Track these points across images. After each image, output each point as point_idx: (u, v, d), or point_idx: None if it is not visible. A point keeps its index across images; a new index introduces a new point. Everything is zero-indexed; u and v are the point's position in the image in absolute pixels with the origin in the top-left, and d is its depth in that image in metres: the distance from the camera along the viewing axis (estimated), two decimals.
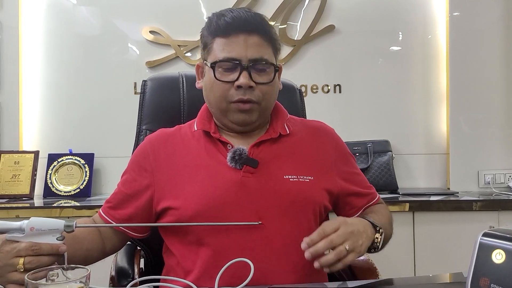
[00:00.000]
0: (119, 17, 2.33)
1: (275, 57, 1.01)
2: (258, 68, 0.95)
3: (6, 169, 2.16)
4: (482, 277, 0.65)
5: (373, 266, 1.06)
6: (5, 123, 2.25)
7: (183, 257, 0.96)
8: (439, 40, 2.35)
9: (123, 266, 1.10)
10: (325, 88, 2.36)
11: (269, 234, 0.93)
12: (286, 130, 1.03)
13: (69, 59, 2.31)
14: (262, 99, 0.96)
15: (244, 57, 0.94)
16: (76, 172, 2.20)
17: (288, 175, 0.97)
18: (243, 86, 0.93)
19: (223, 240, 0.92)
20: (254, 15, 0.97)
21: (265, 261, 0.91)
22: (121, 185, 1.03)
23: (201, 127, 1.01)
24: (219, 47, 0.96)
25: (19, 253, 0.73)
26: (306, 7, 2.35)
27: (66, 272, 0.64)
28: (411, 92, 2.36)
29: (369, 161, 2.19)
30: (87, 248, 0.94)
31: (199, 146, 1.01)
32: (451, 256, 1.84)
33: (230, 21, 0.95)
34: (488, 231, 0.67)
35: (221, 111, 0.98)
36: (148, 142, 1.05)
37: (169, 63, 2.33)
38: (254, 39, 0.95)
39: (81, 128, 2.30)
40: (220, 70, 0.96)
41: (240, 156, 0.95)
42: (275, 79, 0.99)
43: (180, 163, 0.99)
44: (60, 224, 0.74)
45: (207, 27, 0.99)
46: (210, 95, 0.99)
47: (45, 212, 1.89)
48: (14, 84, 2.25)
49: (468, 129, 2.28)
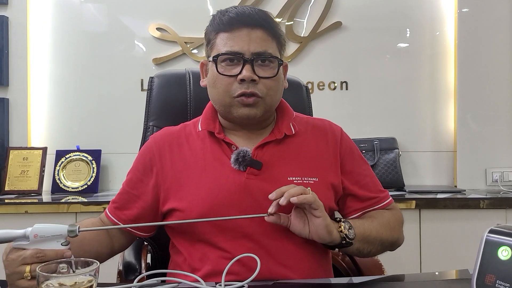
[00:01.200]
0: (126, 14, 2.34)
1: (280, 52, 0.99)
2: (261, 62, 0.95)
3: (15, 165, 2.18)
4: (488, 274, 0.65)
5: (379, 263, 1.06)
6: (13, 120, 2.27)
7: (190, 255, 0.97)
8: (447, 37, 2.33)
9: (131, 261, 1.11)
10: (332, 85, 2.35)
11: (274, 236, 0.93)
12: (291, 130, 1.01)
13: (77, 56, 2.32)
14: (266, 94, 0.95)
15: (247, 51, 0.93)
16: (84, 168, 2.22)
17: (292, 176, 0.96)
18: (246, 79, 0.92)
19: (229, 240, 0.93)
20: (258, 11, 0.97)
21: (271, 260, 0.91)
22: (126, 185, 1.03)
23: (205, 127, 1.01)
24: (222, 41, 0.96)
25: (25, 261, 0.73)
26: (312, 3, 2.35)
27: (76, 265, 0.65)
28: (419, 89, 2.35)
29: (375, 158, 2.18)
30: (96, 249, 0.96)
31: (204, 146, 1.00)
32: (458, 254, 1.84)
33: (234, 16, 0.95)
34: (495, 228, 0.67)
35: (225, 106, 0.97)
36: (154, 141, 1.04)
37: (176, 60, 2.33)
38: (258, 33, 0.95)
39: (88, 125, 2.32)
40: (222, 65, 0.95)
41: (244, 158, 0.95)
42: (279, 74, 0.97)
43: (185, 164, 0.99)
44: (63, 229, 0.74)
45: (211, 24, 1.00)
46: (213, 91, 0.98)
47: (53, 207, 1.91)
48: (22, 81, 2.27)
49: (475, 126, 2.27)
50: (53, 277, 0.59)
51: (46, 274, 0.59)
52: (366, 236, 0.94)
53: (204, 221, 0.91)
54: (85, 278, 0.61)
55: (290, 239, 0.93)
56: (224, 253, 0.92)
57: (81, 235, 0.75)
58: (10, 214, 1.90)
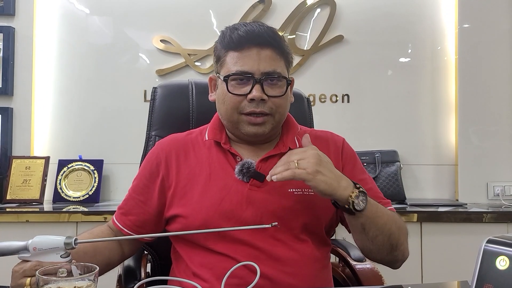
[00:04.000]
0: (130, 26, 2.37)
1: (288, 70, 1.02)
2: (270, 81, 0.96)
3: (17, 174, 2.19)
4: (486, 284, 0.65)
5: (378, 274, 1.06)
6: (17, 129, 2.29)
7: (191, 260, 0.98)
8: (448, 52, 2.35)
9: (130, 270, 1.11)
10: (334, 98, 2.37)
11: (273, 245, 0.93)
12: (296, 144, 1.03)
13: (81, 67, 2.35)
14: (275, 111, 0.97)
15: (256, 71, 0.95)
16: (85, 178, 2.23)
17: (293, 188, 0.98)
18: (256, 99, 0.94)
19: (231, 246, 0.93)
20: (267, 29, 0.98)
21: (271, 269, 0.92)
22: (133, 191, 1.05)
23: (212, 137, 1.03)
24: (232, 60, 0.97)
25: (25, 273, 0.75)
26: (315, 17, 2.38)
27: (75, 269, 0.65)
28: (420, 102, 2.36)
29: (376, 171, 2.18)
30: (108, 256, 0.98)
31: (210, 155, 1.02)
32: (459, 267, 1.81)
33: (243, 35, 0.96)
34: (493, 237, 0.67)
35: (233, 123, 0.99)
36: (160, 148, 1.06)
37: (179, 72, 2.36)
38: (267, 53, 0.96)
39: (91, 135, 2.33)
40: (233, 83, 0.97)
41: (248, 170, 0.97)
42: (287, 92, 0.99)
43: (190, 171, 1.01)
44: (60, 242, 0.74)
45: (221, 41, 1.01)
46: (222, 108, 1.00)
47: (54, 217, 1.92)
48: (27, 91, 2.29)
49: (477, 140, 2.27)
50: (53, 281, 0.60)
51: (46, 278, 0.60)
52: (376, 217, 0.91)
53: (206, 229, 0.92)
54: (84, 283, 0.61)
55: (291, 247, 0.94)
56: (225, 258, 0.93)
57: (94, 244, 0.76)
58: (11, 223, 1.91)
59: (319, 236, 1.00)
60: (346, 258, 1.17)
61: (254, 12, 2.35)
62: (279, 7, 2.36)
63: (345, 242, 1.28)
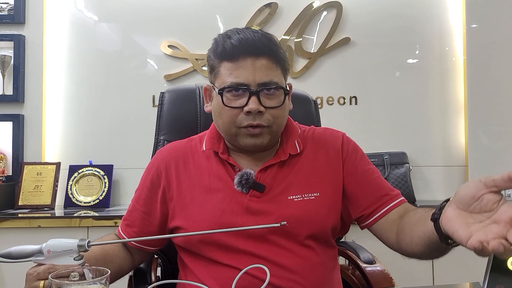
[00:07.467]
0: (139, 32, 2.39)
1: (285, 78, 0.97)
2: (267, 92, 0.92)
3: (29, 180, 2.22)
4: (498, 285, 0.64)
5: (389, 276, 1.05)
6: (28, 136, 2.32)
7: (197, 270, 0.97)
8: (456, 52, 2.34)
9: (141, 273, 1.12)
10: (341, 100, 2.37)
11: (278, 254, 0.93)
12: (296, 149, 1.00)
13: (90, 73, 2.37)
14: (272, 122, 0.93)
15: (252, 82, 0.91)
16: (96, 183, 2.25)
17: (293, 195, 0.96)
18: (253, 111, 0.90)
19: (235, 259, 0.93)
20: (262, 36, 0.93)
21: (278, 279, 0.91)
22: (136, 203, 1.04)
23: (210, 147, 1.01)
24: (227, 71, 0.93)
25: (39, 276, 0.75)
26: (322, 20, 2.38)
27: (88, 273, 0.66)
28: (429, 104, 2.35)
29: (386, 172, 2.17)
30: (119, 264, 0.98)
31: (209, 166, 1.00)
32: (471, 268, 1.80)
33: (237, 44, 0.91)
34: None
35: (231, 135, 0.96)
36: (160, 158, 1.05)
37: (187, 77, 2.38)
38: (262, 62, 0.92)
39: (101, 140, 2.35)
40: (228, 96, 0.92)
41: (247, 181, 0.95)
42: (285, 101, 0.95)
43: (190, 182, 1.00)
44: (73, 244, 0.75)
45: (214, 50, 0.96)
46: (218, 121, 0.97)
47: (65, 222, 1.94)
48: (37, 98, 2.33)
49: (487, 141, 2.25)
50: (65, 284, 0.61)
51: (58, 282, 0.61)
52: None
53: (208, 242, 0.93)
54: (96, 287, 0.62)
55: (297, 254, 0.93)
56: (230, 269, 0.92)
57: (104, 251, 0.76)
58: (23, 228, 1.93)
59: (324, 240, 0.99)
60: (356, 261, 1.16)
61: (261, 16, 2.36)
62: (286, 11, 2.37)
63: (354, 244, 1.27)
